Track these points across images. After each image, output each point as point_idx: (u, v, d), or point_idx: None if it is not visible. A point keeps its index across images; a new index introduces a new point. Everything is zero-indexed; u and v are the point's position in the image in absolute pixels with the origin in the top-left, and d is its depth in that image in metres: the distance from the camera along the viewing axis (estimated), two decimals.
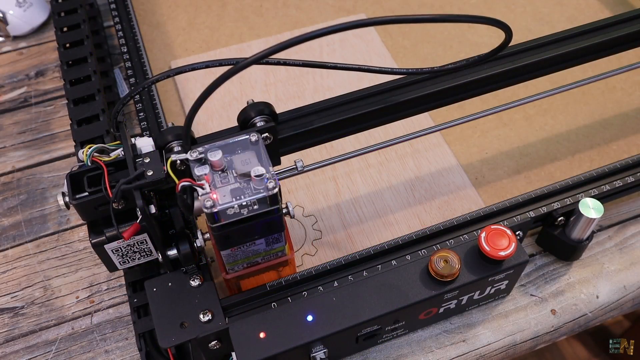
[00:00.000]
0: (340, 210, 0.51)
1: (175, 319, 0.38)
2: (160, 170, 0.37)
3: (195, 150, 0.36)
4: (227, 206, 0.35)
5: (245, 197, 0.35)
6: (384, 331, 0.42)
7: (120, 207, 0.37)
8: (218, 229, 0.36)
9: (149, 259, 0.41)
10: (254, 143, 0.37)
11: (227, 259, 0.39)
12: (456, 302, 0.43)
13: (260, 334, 0.38)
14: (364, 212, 0.51)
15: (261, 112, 0.40)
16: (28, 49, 0.66)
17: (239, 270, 0.41)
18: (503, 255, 0.40)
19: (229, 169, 0.36)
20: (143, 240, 0.40)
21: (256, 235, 0.38)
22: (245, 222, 0.36)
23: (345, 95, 0.43)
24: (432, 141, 0.56)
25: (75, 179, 0.37)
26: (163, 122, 0.53)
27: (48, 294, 0.48)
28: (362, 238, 0.49)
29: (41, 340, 0.46)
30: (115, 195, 0.36)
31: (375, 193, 0.52)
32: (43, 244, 0.51)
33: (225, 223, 0.35)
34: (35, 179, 0.55)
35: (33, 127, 0.59)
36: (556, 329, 0.46)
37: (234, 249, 0.38)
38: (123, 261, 0.40)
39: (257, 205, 0.35)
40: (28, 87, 0.63)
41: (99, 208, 0.37)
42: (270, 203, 0.35)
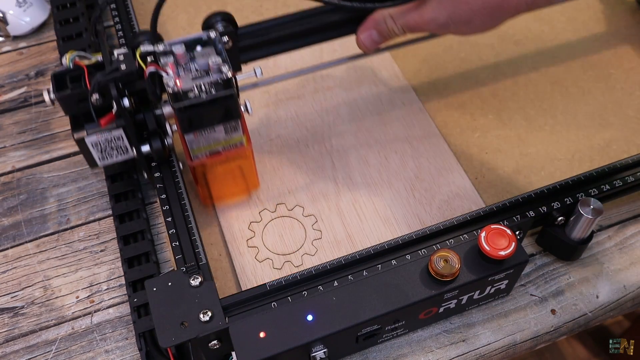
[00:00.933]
0: (340, 210, 0.51)
1: (175, 318, 0.38)
2: (132, 64, 0.43)
3: (161, 44, 0.43)
4: (188, 88, 0.41)
5: (204, 82, 0.41)
6: (384, 331, 0.42)
7: (98, 103, 0.43)
8: (180, 110, 0.41)
9: (126, 157, 0.47)
10: (213, 40, 0.43)
11: (191, 144, 0.45)
12: (456, 301, 0.43)
13: (260, 334, 0.38)
14: (364, 212, 0.51)
15: (223, 19, 0.45)
16: (28, 49, 0.66)
17: (202, 157, 0.46)
18: (503, 255, 0.40)
19: (191, 62, 0.42)
20: (119, 136, 0.45)
21: (215, 120, 0.43)
22: (204, 105, 0.42)
23: (304, 11, 0.49)
24: (432, 141, 0.56)
25: (59, 78, 0.44)
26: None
27: (48, 294, 0.48)
28: (362, 238, 0.50)
29: (41, 340, 0.46)
30: (93, 88, 0.42)
31: (375, 193, 0.52)
32: (43, 243, 0.51)
33: (188, 105, 0.41)
34: (35, 179, 0.55)
35: (33, 127, 0.59)
36: (556, 329, 0.46)
37: (196, 134, 0.44)
38: (102, 157, 0.46)
39: (214, 89, 0.41)
40: (28, 87, 0.63)
41: (80, 104, 0.43)
42: (225, 86, 0.41)
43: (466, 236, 0.43)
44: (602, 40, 0.65)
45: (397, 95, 0.60)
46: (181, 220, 0.45)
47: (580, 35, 0.65)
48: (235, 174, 0.48)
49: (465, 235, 0.43)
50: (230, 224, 0.51)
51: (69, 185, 0.55)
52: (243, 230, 0.50)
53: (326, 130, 0.57)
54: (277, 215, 0.51)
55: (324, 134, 0.57)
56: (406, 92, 0.60)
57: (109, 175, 0.53)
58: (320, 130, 0.57)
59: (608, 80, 0.61)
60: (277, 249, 0.49)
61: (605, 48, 0.64)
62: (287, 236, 0.50)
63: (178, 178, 0.48)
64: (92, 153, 0.46)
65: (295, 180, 0.53)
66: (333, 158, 0.55)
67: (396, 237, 0.44)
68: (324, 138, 0.57)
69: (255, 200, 0.52)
